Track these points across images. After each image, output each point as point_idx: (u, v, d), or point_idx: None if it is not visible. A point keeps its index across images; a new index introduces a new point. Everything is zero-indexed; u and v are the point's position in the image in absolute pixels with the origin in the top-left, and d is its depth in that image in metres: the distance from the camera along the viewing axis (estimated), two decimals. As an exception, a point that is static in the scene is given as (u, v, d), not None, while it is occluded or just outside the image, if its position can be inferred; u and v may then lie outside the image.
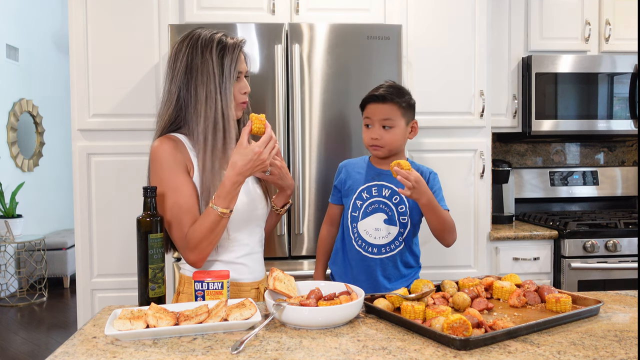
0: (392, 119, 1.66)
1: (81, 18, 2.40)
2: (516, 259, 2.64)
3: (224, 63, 1.41)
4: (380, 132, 1.67)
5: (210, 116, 1.40)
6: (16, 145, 5.32)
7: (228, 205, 1.36)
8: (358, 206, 1.73)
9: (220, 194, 1.35)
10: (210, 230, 1.37)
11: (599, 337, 1.15)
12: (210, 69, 1.41)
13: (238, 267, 1.50)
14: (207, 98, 1.40)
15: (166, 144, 1.42)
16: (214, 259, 1.49)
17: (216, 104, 1.41)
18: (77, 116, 2.42)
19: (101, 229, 2.44)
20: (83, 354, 1.08)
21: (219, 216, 1.36)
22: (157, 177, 1.42)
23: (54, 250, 5.33)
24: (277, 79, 2.27)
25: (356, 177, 1.76)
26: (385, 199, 1.71)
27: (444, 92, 2.54)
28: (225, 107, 1.41)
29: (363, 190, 1.73)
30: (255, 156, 1.32)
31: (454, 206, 2.54)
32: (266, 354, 1.06)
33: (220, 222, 1.37)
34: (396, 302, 1.30)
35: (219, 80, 1.41)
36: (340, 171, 1.83)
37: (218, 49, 1.42)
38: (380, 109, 1.67)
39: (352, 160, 1.83)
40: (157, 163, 1.42)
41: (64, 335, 3.97)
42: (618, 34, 2.89)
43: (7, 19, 5.16)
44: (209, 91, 1.40)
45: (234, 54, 1.43)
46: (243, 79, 1.48)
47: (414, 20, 2.52)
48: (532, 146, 3.26)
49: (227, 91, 1.41)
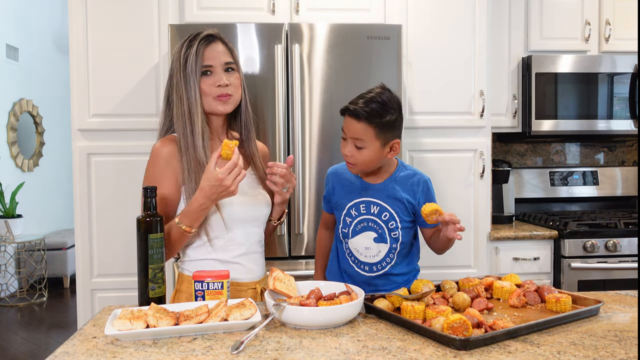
0: (363, 139, 1.48)
1: (81, 18, 2.40)
2: (516, 259, 2.64)
3: (188, 58, 1.42)
4: (352, 149, 1.51)
5: (180, 114, 1.43)
6: (16, 145, 5.32)
7: (192, 224, 1.39)
8: (347, 223, 1.63)
9: (187, 213, 1.38)
10: (171, 242, 1.42)
11: (599, 337, 1.15)
12: (179, 69, 1.43)
13: (234, 266, 1.50)
14: (177, 98, 1.44)
15: (166, 147, 1.45)
16: (211, 257, 1.49)
17: (182, 101, 1.42)
18: (77, 116, 2.42)
19: (101, 229, 2.44)
20: (83, 354, 1.08)
21: (181, 232, 1.40)
22: (147, 175, 1.46)
23: (54, 250, 5.33)
24: (277, 79, 2.27)
25: (343, 192, 1.65)
26: (374, 217, 1.60)
27: (444, 92, 2.54)
28: (191, 105, 1.42)
29: (351, 208, 1.62)
30: (218, 182, 1.31)
31: (454, 206, 2.54)
32: (266, 354, 1.06)
33: (181, 237, 1.41)
34: (396, 302, 1.30)
35: (183, 76, 1.42)
36: (328, 181, 1.72)
37: (185, 46, 1.43)
38: (353, 126, 1.49)
39: (339, 168, 1.70)
40: (150, 163, 1.46)
41: (64, 335, 3.97)
42: (618, 34, 2.89)
43: (7, 19, 5.16)
44: (179, 91, 1.43)
45: (195, 47, 1.42)
46: (217, 72, 1.44)
47: (414, 20, 2.52)
48: (532, 146, 3.27)
49: (190, 88, 1.42)
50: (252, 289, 1.55)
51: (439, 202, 2.48)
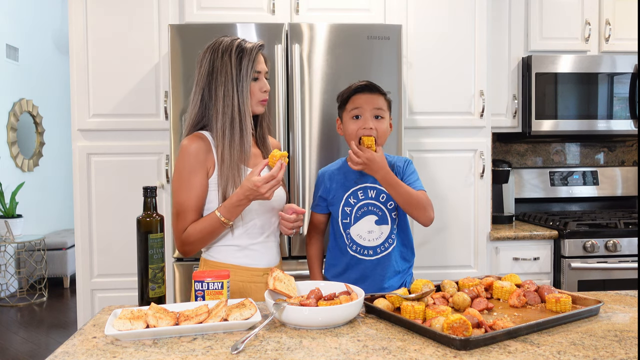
0: (382, 109, 1.67)
1: (81, 18, 2.40)
2: (516, 259, 2.64)
3: (242, 64, 1.54)
4: (374, 122, 1.66)
5: (227, 112, 1.53)
6: (16, 145, 5.32)
7: (229, 217, 1.51)
8: (348, 212, 1.72)
9: (226, 206, 1.50)
10: (208, 233, 1.53)
11: (599, 337, 1.15)
12: (229, 69, 1.54)
13: (252, 252, 1.59)
14: (224, 96, 1.53)
15: (195, 143, 1.54)
16: (231, 243, 1.58)
17: (233, 101, 1.53)
18: (77, 116, 2.42)
19: (101, 229, 2.44)
20: (83, 354, 1.08)
21: (219, 223, 1.51)
22: (178, 171, 1.55)
23: (54, 250, 5.33)
24: (277, 79, 2.27)
25: (338, 185, 1.74)
26: (373, 200, 1.71)
27: (444, 92, 2.54)
28: (242, 104, 1.54)
29: (350, 196, 1.72)
30: (255, 187, 1.45)
31: (454, 206, 2.54)
32: (266, 354, 1.06)
33: (219, 228, 1.52)
34: (396, 302, 1.30)
35: (237, 79, 1.54)
36: (322, 180, 1.79)
37: (237, 52, 1.55)
38: (372, 99, 1.67)
39: (330, 167, 1.82)
40: (181, 159, 1.55)
41: (64, 335, 3.97)
42: (618, 34, 2.89)
43: (7, 19, 5.16)
44: (227, 90, 1.53)
45: (251, 55, 1.55)
46: (262, 79, 1.60)
47: (414, 20, 2.52)
48: (532, 146, 3.26)
49: (244, 89, 1.54)
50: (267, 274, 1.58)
51: (439, 201, 2.50)
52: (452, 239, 2.55)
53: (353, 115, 1.68)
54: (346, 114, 1.70)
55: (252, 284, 1.58)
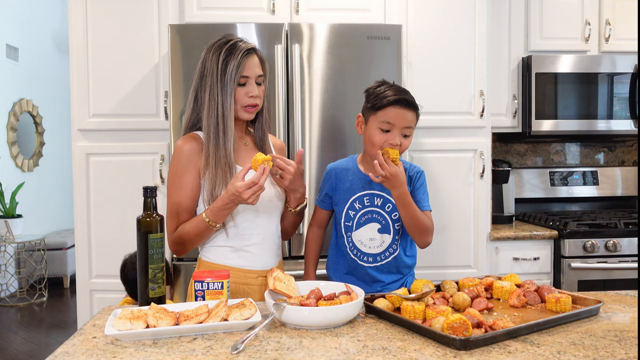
0: (412, 127, 1.62)
1: (81, 18, 2.40)
2: (516, 259, 2.64)
3: (227, 66, 1.50)
4: (401, 139, 1.60)
5: (212, 115, 1.52)
6: (16, 145, 5.32)
7: (216, 220, 1.49)
8: (351, 216, 1.70)
9: (212, 209, 1.48)
10: (196, 234, 1.52)
11: (599, 337, 1.15)
12: (215, 71, 1.51)
13: (246, 254, 1.58)
14: (210, 99, 1.52)
15: (188, 143, 1.54)
16: (225, 244, 1.57)
17: (217, 104, 1.51)
18: (77, 116, 2.42)
19: (101, 229, 2.44)
20: (83, 354, 1.08)
21: (206, 225, 1.49)
22: (171, 172, 1.56)
23: (54, 250, 5.33)
24: (277, 79, 2.27)
25: (347, 186, 1.71)
26: (378, 208, 1.67)
27: (444, 92, 2.54)
28: (223, 109, 1.51)
29: (355, 200, 1.69)
30: (238, 193, 1.42)
31: (454, 206, 2.54)
32: (266, 354, 1.06)
33: (206, 230, 1.51)
34: (396, 302, 1.30)
35: (221, 82, 1.51)
36: (330, 176, 1.76)
37: (225, 53, 1.51)
38: (405, 116, 1.59)
39: (340, 164, 1.77)
40: (174, 160, 1.55)
41: (64, 335, 3.97)
42: (618, 34, 2.89)
43: (7, 19, 5.16)
44: (212, 92, 1.52)
45: (238, 58, 1.51)
46: (251, 84, 1.54)
47: (414, 20, 2.52)
48: (532, 146, 3.26)
49: (227, 93, 1.51)
50: (262, 276, 1.59)
51: (439, 201, 2.50)
52: (452, 239, 2.55)
53: (383, 127, 1.59)
54: (375, 120, 1.61)
55: (246, 285, 1.57)
